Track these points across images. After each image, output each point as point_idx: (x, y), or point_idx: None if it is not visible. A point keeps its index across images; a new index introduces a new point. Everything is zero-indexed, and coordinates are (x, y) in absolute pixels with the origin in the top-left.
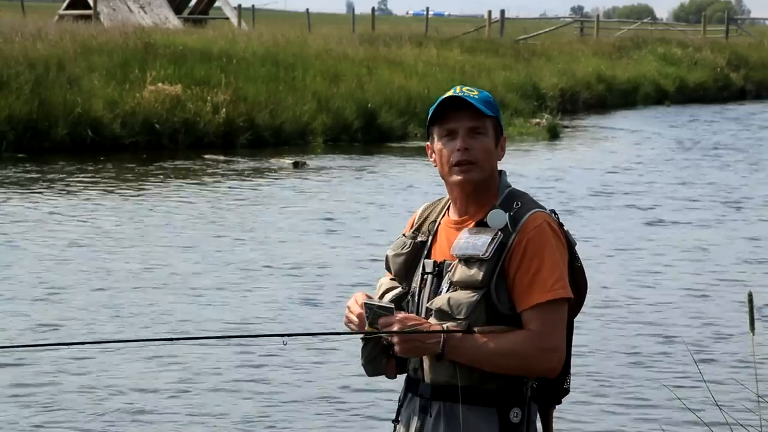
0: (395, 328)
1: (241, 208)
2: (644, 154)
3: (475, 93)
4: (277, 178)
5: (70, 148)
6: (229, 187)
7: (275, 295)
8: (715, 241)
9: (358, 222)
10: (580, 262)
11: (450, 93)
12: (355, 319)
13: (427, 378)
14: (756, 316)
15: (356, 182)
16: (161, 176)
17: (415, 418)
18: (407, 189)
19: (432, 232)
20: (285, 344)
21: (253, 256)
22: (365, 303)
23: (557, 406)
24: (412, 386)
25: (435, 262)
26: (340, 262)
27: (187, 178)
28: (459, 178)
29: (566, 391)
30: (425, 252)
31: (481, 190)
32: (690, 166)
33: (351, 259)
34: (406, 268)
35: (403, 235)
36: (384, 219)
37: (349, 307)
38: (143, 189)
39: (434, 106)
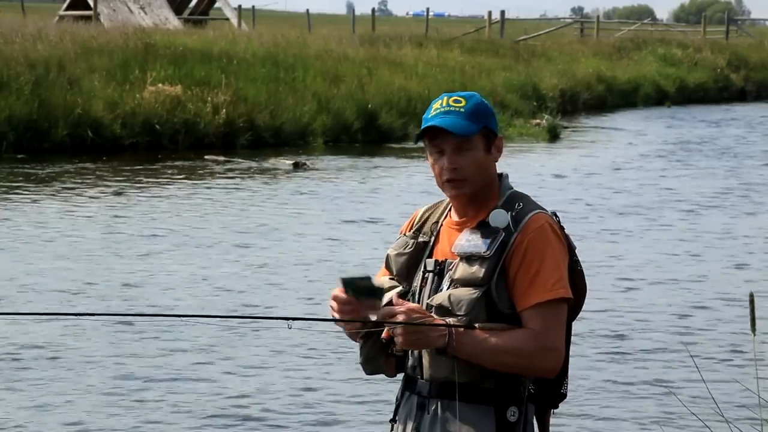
0: (400, 318)
1: (241, 209)
2: (642, 154)
3: (462, 104)
4: (277, 179)
5: (70, 148)
6: (229, 188)
7: (276, 295)
8: (717, 239)
9: (358, 222)
10: (580, 266)
11: (437, 105)
12: (335, 305)
13: (426, 375)
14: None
15: (356, 183)
16: (161, 177)
17: (413, 416)
18: (407, 189)
19: (434, 233)
20: (290, 328)
21: (254, 257)
22: (341, 278)
23: (554, 410)
24: (409, 384)
25: (436, 260)
26: (341, 262)
27: (188, 178)
28: (452, 193)
29: (563, 396)
30: (427, 252)
31: (478, 197)
32: (687, 166)
33: (351, 259)
34: (407, 267)
35: (404, 235)
36: (384, 219)
37: (332, 301)
38: (143, 190)
39: (423, 125)
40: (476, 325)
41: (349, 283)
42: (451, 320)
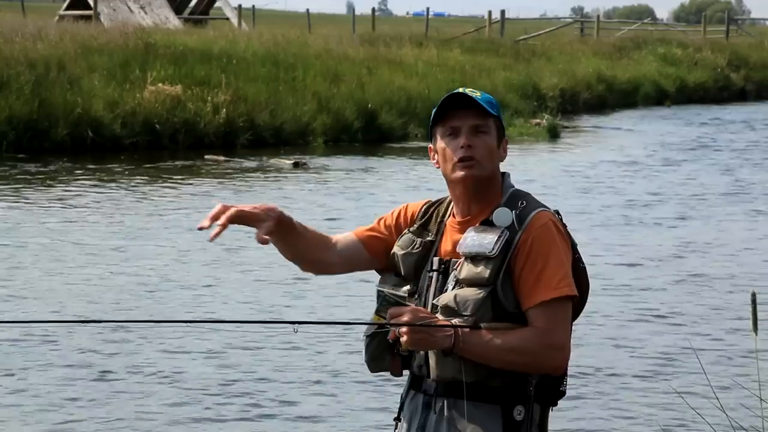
0: (405, 319)
1: None
2: (641, 154)
3: (478, 93)
4: (277, 179)
5: (70, 148)
6: (230, 188)
7: (276, 295)
8: (718, 239)
9: (358, 222)
10: (583, 263)
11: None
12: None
13: (433, 374)
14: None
15: (356, 183)
16: (161, 177)
17: (418, 415)
18: (407, 189)
19: (439, 232)
20: (296, 331)
21: (254, 257)
22: (377, 288)
23: (553, 407)
24: (415, 383)
25: (441, 259)
26: None
27: (188, 178)
28: (462, 174)
29: (562, 394)
30: (434, 251)
31: (483, 189)
32: (687, 166)
33: None
34: (416, 268)
35: (409, 231)
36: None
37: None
38: (144, 189)
39: (438, 105)
40: (481, 325)
41: (380, 297)
42: (457, 320)
